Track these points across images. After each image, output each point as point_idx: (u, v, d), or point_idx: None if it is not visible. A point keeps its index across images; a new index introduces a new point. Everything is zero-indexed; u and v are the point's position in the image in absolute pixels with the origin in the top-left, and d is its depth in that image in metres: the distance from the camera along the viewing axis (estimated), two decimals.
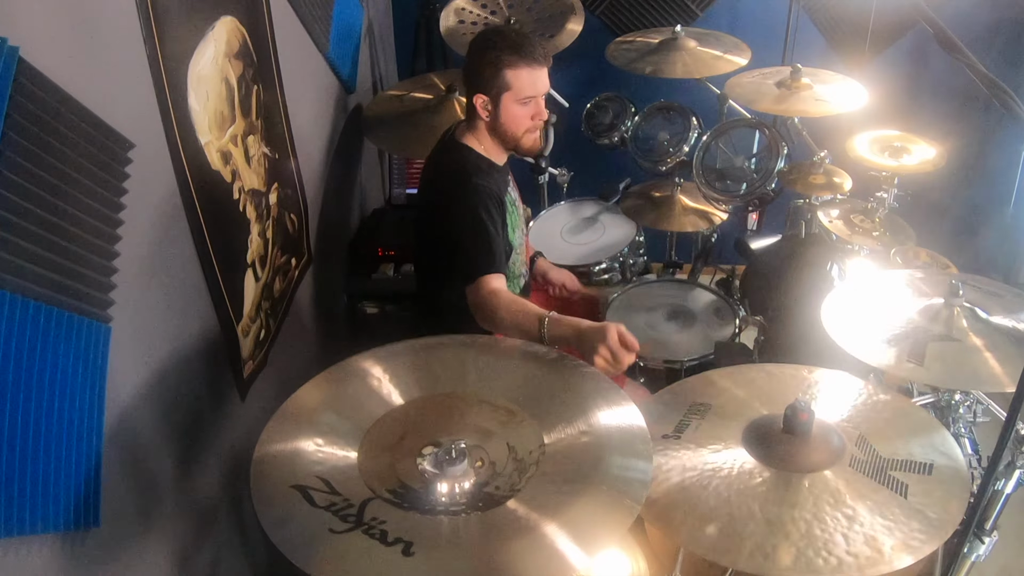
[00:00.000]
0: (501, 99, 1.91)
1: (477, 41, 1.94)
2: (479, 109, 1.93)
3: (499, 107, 1.92)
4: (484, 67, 1.89)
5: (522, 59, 1.88)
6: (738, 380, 1.55)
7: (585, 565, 1.10)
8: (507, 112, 1.93)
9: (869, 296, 1.76)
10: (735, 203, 2.52)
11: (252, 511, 1.17)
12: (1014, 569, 2.35)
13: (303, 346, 2.38)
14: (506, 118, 1.94)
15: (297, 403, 1.36)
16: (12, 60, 1.06)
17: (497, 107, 1.92)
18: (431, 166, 2.10)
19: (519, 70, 1.89)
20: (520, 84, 1.90)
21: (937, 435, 1.41)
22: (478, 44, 1.92)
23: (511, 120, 1.94)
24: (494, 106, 1.92)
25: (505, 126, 1.95)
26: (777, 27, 3.10)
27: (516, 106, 1.92)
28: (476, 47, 1.92)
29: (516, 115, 1.94)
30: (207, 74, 1.66)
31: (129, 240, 1.36)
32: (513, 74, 1.88)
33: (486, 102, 1.92)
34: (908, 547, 1.17)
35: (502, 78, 1.88)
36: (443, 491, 1.21)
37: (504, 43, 1.88)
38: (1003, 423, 1.17)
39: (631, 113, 2.78)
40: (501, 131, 1.96)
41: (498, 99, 1.91)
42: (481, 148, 2.01)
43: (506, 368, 1.49)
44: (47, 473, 1.17)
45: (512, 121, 1.95)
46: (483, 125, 1.98)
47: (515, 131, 1.96)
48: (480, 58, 1.89)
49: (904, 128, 2.38)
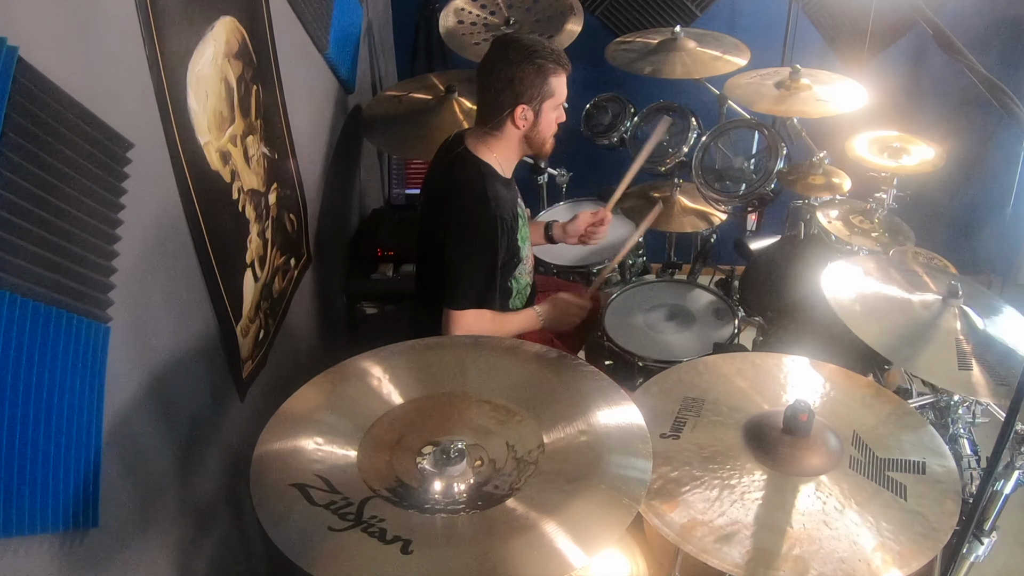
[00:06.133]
0: (543, 107, 1.92)
1: (511, 51, 1.88)
2: (517, 120, 1.91)
3: (540, 115, 1.93)
4: (528, 76, 1.87)
5: (560, 65, 1.91)
6: (726, 371, 1.55)
7: (584, 564, 1.10)
8: (546, 119, 1.95)
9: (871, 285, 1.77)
10: (734, 204, 2.52)
11: (251, 510, 1.17)
12: (1013, 569, 2.35)
13: (302, 346, 2.38)
14: (544, 125, 1.96)
15: (297, 403, 1.36)
16: (12, 60, 1.07)
17: (538, 115, 1.93)
18: (447, 178, 2.00)
19: (560, 76, 1.92)
20: (560, 90, 1.93)
21: (924, 432, 1.41)
22: (515, 54, 1.87)
23: (547, 126, 1.97)
24: (535, 114, 1.92)
25: (542, 133, 1.97)
26: (776, 28, 3.11)
27: (553, 112, 1.95)
28: (513, 57, 1.87)
29: (551, 121, 1.97)
30: (206, 74, 1.66)
31: (128, 240, 1.36)
32: (557, 81, 1.91)
33: (525, 111, 1.91)
34: (915, 551, 1.18)
35: (548, 86, 1.90)
36: (442, 490, 1.21)
37: (544, 50, 1.88)
38: (1002, 423, 1.17)
39: (630, 113, 2.78)
40: (535, 138, 1.97)
41: (540, 107, 1.92)
42: (496, 160, 1.98)
43: (506, 368, 1.49)
44: (46, 473, 1.17)
45: (548, 127, 1.97)
46: (515, 135, 1.95)
47: (547, 136, 1.99)
48: (523, 68, 1.87)
49: (903, 129, 2.39)
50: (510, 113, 1.91)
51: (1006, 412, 1.17)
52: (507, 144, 1.98)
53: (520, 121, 1.92)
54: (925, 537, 1.21)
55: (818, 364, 1.56)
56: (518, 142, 1.98)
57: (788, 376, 1.54)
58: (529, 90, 1.88)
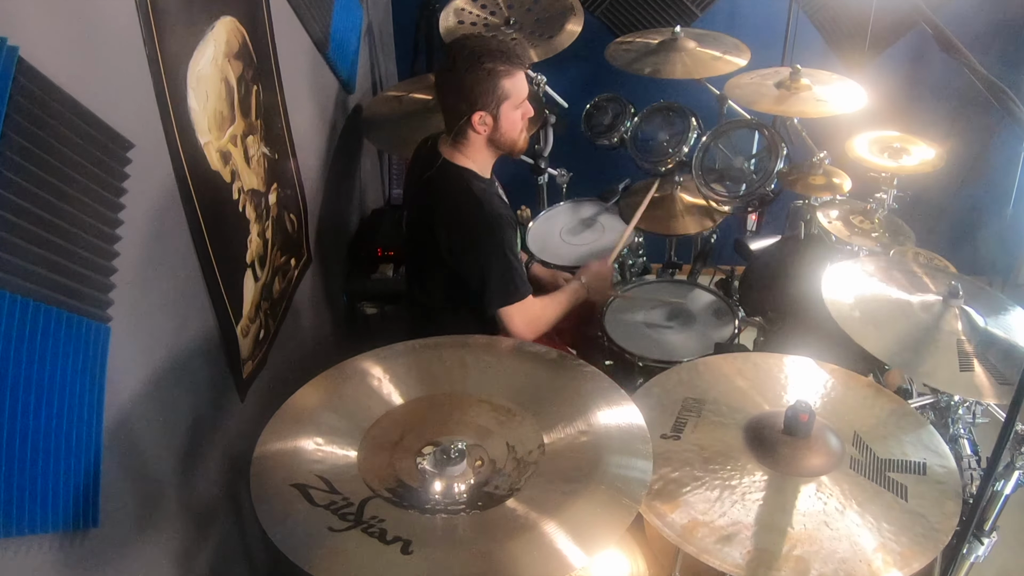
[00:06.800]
0: (500, 110, 1.89)
1: (460, 58, 1.85)
2: (475, 126, 1.89)
3: (499, 119, 1.90)
4: (478, 83, 1.84)
5: (512, 65, 1.87)
6: (727, 371, 1.55)
7: (584, 564, 1.10)
8: (507, 120, 1.92)
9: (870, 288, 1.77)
10: (734, 204, 2.52)
11: (252, 510, 1.17)
12: (1013, 570, 2.35)
13: (302, 346, 2.38)
14: (507, 127, 1.93)
15: (297, 403, 1.36)
16: (12, 60, 1.07)
17: (497, 119, 1.90)
18: (428, 190, 2.00)
19: (514, 77, 1.88)
20: (516, 90, 1.89)
21: (924, 432, 1.41)
22: (463, 61, 1.84)
23: (511, 127, 1.94)
24: (494, 119, 1.90)
25: (506, 134, 1.94)
26: (777, 28, 3.10)
27: (514, 112, 1.92)
28: (461, 64, 1.85)
29: (515, 121, 1.94)
30: (207, 74, 1.66)
31: (129, 240, 1.36)
32: (510, 82, 1.87)
33: (484, 117, 1.88)
34: (915, 551, 1.18)
35: (500, 89, 1.86)
36: (442, 490, 1.21)
37: (491, 53, 1.85)
38: (1002, 423, 1.17)
39: (630, 114, 2.78)
40: (501, 140, 1.95)
41: (497, 111, 1.89)
42: (472, 164, 1.98)
43: (506, 368, 1.49)
44: (46, 473, 1.17)
45: (512, 127, 1.94)
46: (478, 140, 1.94)
47: (514, 136, 1.96)
48: (472, 75, 1.84)
49: (903, 129, 2.39)
50: (468, 121, 1.89)
51: (1006, 412, 1.17)
52: (476, 149, 1.97)
53: (480, 127, 1.90)
54: (925, 537, 1.21)
55: (819, 364, 1.56)
56: (485, 146, 1.97)
57: (789, 376, 1.54)
58: (482, 97, 1.86)
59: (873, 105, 2.40)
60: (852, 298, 1.70)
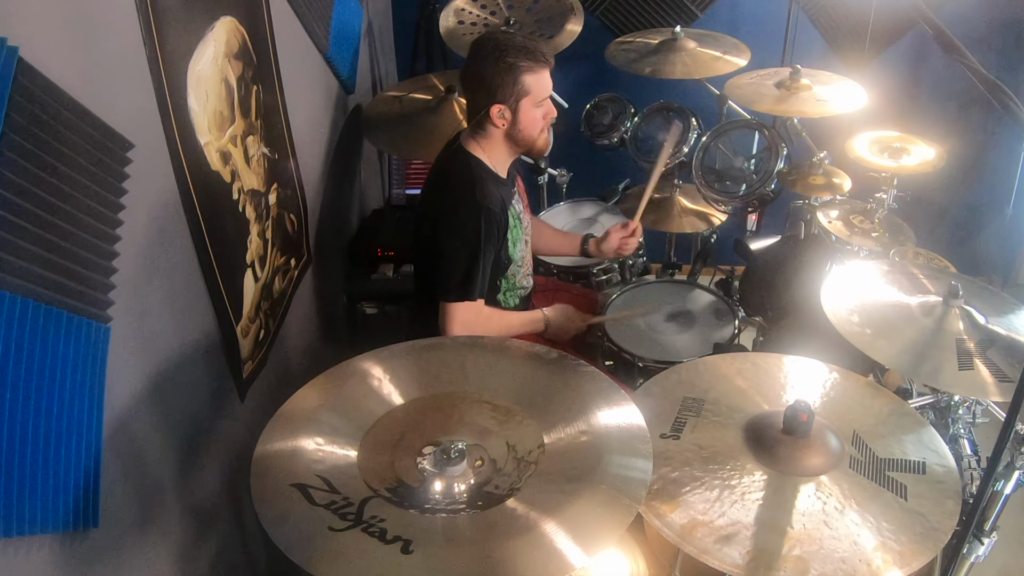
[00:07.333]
0: (520, 105, 1.89)
1: (484, 50, 1.87)
2: (494, 119, 1.90)
3: (518, 113, 1.90)
4: (499, 75, 1.85)
5: (536, 62, 1.87)
6: (726, 371, 1.55)
7: (584, 564, 1.10)
8: (526, 117, 1.92)
9: (869, 293, 1.77)
10: (735, 204, 2.52)
11: (252, 510, 1.17)
12: (1013, 569, 2.35)
13: (302, 346, 2.38)
14: (525, 123, 1.92)
15: (297, 403, 1.36)
16: (12, 60, 1.07)
17: (516, 114, 1.90)
18: (437, 172, 2.06)
19: (537, 74, 1.88)
20: (538, 87, 1.89)
21: (924, 431, 1.41)
22: (487, 53, 1.86)
23: (530, 124, 1.93)
24: (512, 113, 1.90)
25: (524, 131, 1.94)
26: (777, 28, 3.11)
27: (534, 109, 1.92)
28: (485, 56, 1.86)
29: (534, 118, 1.93)
30: (207, 74, 1.66)
31: (129, 240, 1.36)
32: (533, 78, 1.87)
33: (503, 111, 1.89)
34: (915, 551, 1.18)
35: (521, 84, 1.86)
36: (442, 490, 1.21)
37: (516, 48, 1.85)
38: (1002, 423, 1.17)
39: (630, 114, 2.78)
40: (519, 137, 1.95)
41: (516, 105, 1.89)
42: (487, 158, 1.98)
43: (506, 368, 1.49)
44: (46, 473, 1.17)
45: (531, 125, 1.94)
46: (497, 134, 1.94)
47: (533, 134, 1.96)
48: (493, 67, 1.85)
49: (903, 129, 2.39)
50: (487, 113, 1.90)
51: (1006, 412, 1.17)
52: (494, 143, 1.97)
53: (499, 120, 1.90)
54: (925, 537, 1.21)
55: (818, 364, 1.56)
56: (503, 141, 1.96)
57: (788, 376, 1.54)
58: (501, 89, 1.86)
59: (873, 105, 2.40)
60: (851, 303, 1.70)
